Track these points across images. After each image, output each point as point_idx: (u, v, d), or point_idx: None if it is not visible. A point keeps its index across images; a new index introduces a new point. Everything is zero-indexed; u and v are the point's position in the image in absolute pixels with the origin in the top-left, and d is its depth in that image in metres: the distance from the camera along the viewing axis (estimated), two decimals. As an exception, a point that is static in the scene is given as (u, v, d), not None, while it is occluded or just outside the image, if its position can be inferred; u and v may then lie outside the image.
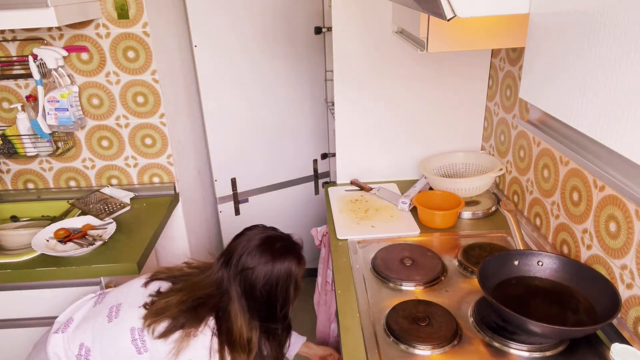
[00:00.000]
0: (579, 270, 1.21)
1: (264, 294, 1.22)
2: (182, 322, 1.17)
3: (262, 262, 1.21)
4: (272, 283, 1.21)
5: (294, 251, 1.27)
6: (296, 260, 1.25)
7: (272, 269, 1.21)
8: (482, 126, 1.97)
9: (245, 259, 1.22)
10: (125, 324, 1.22)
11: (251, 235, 1.27)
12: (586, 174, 1.26)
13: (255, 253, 1.22)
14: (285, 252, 1.24)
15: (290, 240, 1.30)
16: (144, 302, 1.23)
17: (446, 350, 1.13)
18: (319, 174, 2.73)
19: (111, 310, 1.26)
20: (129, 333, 1.20)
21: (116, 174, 2.06)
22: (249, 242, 1.24)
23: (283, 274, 1.22)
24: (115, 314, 1.25)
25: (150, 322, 1.18)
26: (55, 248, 1.64)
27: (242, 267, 1.21)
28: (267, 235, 1.26)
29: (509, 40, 1.25)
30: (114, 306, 1.27)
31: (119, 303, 1.27)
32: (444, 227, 1.65)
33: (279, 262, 1.22)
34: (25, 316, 1.64)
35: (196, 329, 1.17)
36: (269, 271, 1.21)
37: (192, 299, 1.21)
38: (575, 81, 0.71)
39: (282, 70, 2.44)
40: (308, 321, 2.58)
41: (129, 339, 1.20)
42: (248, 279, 1.21)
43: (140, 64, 1.87)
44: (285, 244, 1.26)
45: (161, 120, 1.96)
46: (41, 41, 1.83)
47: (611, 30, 0.62)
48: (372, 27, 1.79)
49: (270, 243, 1.24)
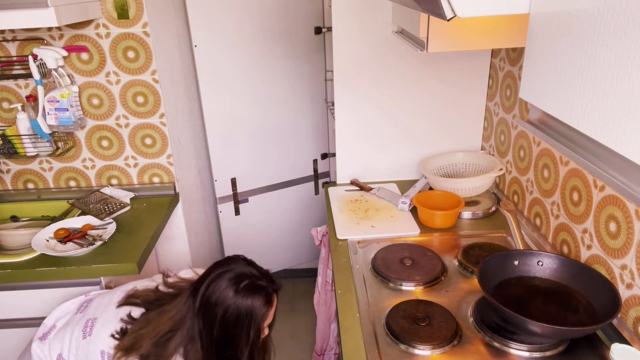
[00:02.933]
0: (579, 270, 1.21)
1: (222, 332, 1.15)
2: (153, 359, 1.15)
3: (225, 297, 1.14)
4: (231, 321, 1.15)
5: (263, 291, 1.18)
6: (262, 301, 1.16)
7: (233, 306, 1.14)
8: (482, 126, 1.97)
9: (210, 291, 1.16)
10: (97, 345, 1.22)
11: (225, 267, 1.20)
12: (586, 174, 1.26)
13: (221, 287, 1.15)
14: (252, 291, 1.16)
15: (262, 278, 1.20)
16: (115, 328, 1.22)
17: (446, 350, 1.13)
18: (319, 174, 2.73)
19: (87, 324, 1.27)
20: (99, 355, 1.21)
21: (116, 174, 2.06)
22: (220, 275, 1.18)
23: (243, 313, 1.14)
24: (89, 331, 1.25)
25: (120, 356, 1.17)
26: (55, 248, 1.64)
27: (206, 300, 1.16)
28: (239, 272, 1.18)
29: (509, 40, 1.25)
30: (89, 320, 1.28)
31: (95, 318, 1.27)
32: (444, 227, 1.65)
33: (241, 299, 1.14)
34: (25, 316, 1.64)
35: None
36: (230, 308, 1.14)
37: (160, 334, 1.17)
38: (575, 81, 0.71)
39: (282, 70, 2.44)
40: (308, 321, 2.58)
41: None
42: (209, 313, 1.15)
43: (140, 64, 1.87)
44: (254, 283, 1.17)
45: (161, 120, 1.96)
46: (41, 41, 1.83)
47: (612, 30, 0.62)
48: (372, 27, 1.79)
49: (238, 280, 1.17)
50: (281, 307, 2.81)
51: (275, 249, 2.78)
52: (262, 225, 2.69)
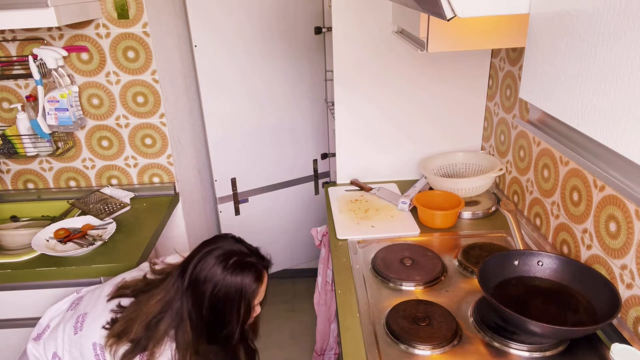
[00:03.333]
0: (579, 270, 1.21)
1: (211, 310, 1.13)
2: (144, 345, 1.14)
3: (213, 274, 1.13)
4: (220, 298, 1.13)
5: (253, 267, 1.16)
6: (252, 277, 1.15)
7: (222, 283, 1.12)
8: (482, 126, 1.97)
9: (198, 269, 1.14)
10: (88, 338, 1.21)
11: (213, 245, 1.18)
12: (586, 174, 1.26)
13: (209, 265, 1.14)
14: (241, 267, 1.14)
15: (252, 255, 1.19)
16: (105, 319, 1.21)
17: (446, 350, 1.13)
18: (319, 174, 2.73)
19: (78, 319, 1.26)
20: (91, 348, 1.20)
21: (116, 174, 2.06)
22: (208, 253, 1.16)
23: (233, 290, 1.13)
24: (80, 326, 1.25)
25: (112, 343, 1.16)
26: (55, 248, 1.64)
27: (194, 279, 1.15)
28: (227, 249, 1.17)
29: (509, 40, 1.25)
30: (80, 316, 1.27)
31: (85, 313, 1.27)
32: (444, 227, 1.65)
33: (230, 276, 1.12)
34: (25, 316, 1.64)
35: (159, 349, 1.13)
36: (218, 285, 1.12)
37: (150, 317, 1.16)
38: (575, 81, 0.71)
39: (282, 70, 2.44)
40: (308, 321, 2.58)
41: (92, 354, 1.20)
42: (197, 291, 1.13)
43: (140, 64, 1.87)
44: (242, 259, 1.16)
45: (161, 120, 1.96)
46: (41, 41, 1.83)
47: (612, 31, 0.62)
48: (372, 27, 1.79)
49: (227, 256, 1.15)
50: (281, 307, 2.82)
51: (275, 249, 2.78)
52: (262, 225, 2.69)
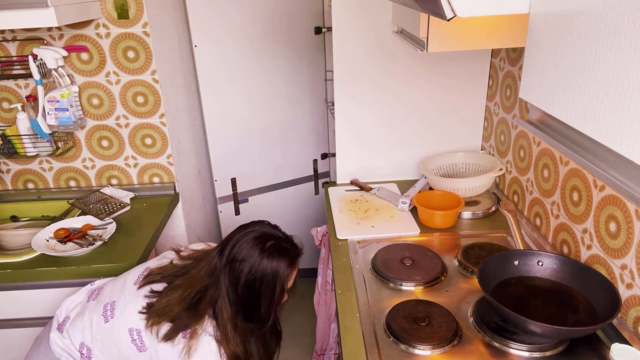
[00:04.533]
0: (579, 270, 1.21)
1: (247, 290, 1.18)
2: (186, 323, 1.17)
3: (250, 255, 1.18)
4: (256, 279, 1.18)
5: (288, 253, 1.22)
6: (287, 262, 1.21)
7: (258, 265, 1.18)
8: (482, 126, 1.97)
9: (236, 249, 1.20)
10: (123, 324, 1.22)
11: (251, 228, 1.24)
12: (586, 174, 1.26)
13: (247, 246, 1.19)
14: (277, 251, 1.20)
15: (287, 241, 1.26)
16: (141, 304, 1.23)
17: (446, 350, 1.13)
18: (319, 174, 2.73)
19: (105, 308, 1.27)
20: (127, 334, 1.21)
21: (116, 174, 2.06)
22: (246, 234, 1.22)
23: (269, 272, 1.18)
24: (110, 314, 1.25)
25: (153, 323, 1.18)
26: (55, 248, 1.64)
27: (232, 258, 1.19)
28: (265, 232, 1.23)
29: (509, 40, 1.25)
30: (107, 304, 1.27)
31: (113, 301, 1.27)
32: (444, 227, 1.65)
33: (267, 259, 1.18)
34: (25, 316, 1.64)
35: (200, 326, 1.17)
36: (255, 266, 1.18)
37: (191, 295, 1.20)
38: (575, 81, 0.71)
39: (282, 70, 2.44)
40: (308, 321, 2.58)
41: (128, 339, 1.21)
42: (234, 270, 1.18)
43: (140, 64, 1.87)
44: (279, 244, 1.22)
45: (161, 120, 1.96)
46: (41, 41, 1.82)
47: (612, 31, 0.62)
48: (372, 27, 1.79)
49: (264, 239, 1.21)
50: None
51: (275, 249, 2.78)
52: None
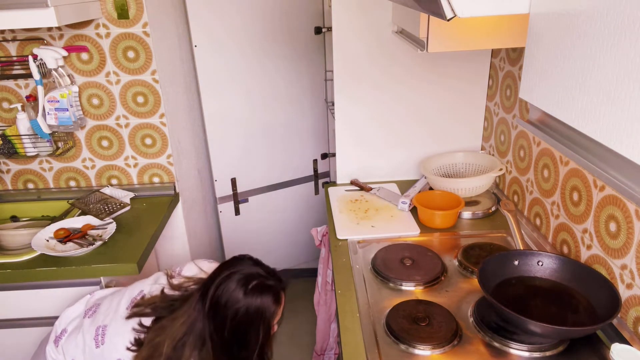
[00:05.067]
0: (579, 270, 1.21)
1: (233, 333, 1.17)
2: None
3: (234, 298, 1.16)
4: (242, 322, 1.17)
5: (272, 290, 1.21)
6: (272, 299, 1.20)
7: (243, 307, 1.16)
8: (482, 126, 1.97)
9: (219, 293, 1.17)
10: (112, 353, 1.24)
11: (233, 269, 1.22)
12: (586, 174, 1.26)
13: (230, 288, 1.17)
14: (261, 290, 1.18)
15: (270, 277, 1.24)
16: (129, 338, 1.23)
17: (446, 350, 1.13)
18: (319, 174, 2.73)
19: (97, 331, 1.28)
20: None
21: (116, 174, 2.06)
22: (229, 276, 1.19)
23: (254, 313, 1.17)
24: (102, 339, 1.27)
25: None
26: (55, 248, 1.64)
27: (215, 302, 1.17)
28: (247, 273, 1.20)
29: (509, 40, 1.25)
30: (99, 327, 1.29)
31: (105, 325, 1.28)
32: (444, 227, 1.65)
33: (251, 300, 1.17)
34: (25, 316, 1.64)
35: None
36: (240, 309, 1.16)
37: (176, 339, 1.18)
38: (575, 81, 0.71)
39: (282, 70, 2.44)
40: (308, 321, 2.58)
41: None
42: (219, 315, 1.17)
43: (140, 64, 1.87)
44: (262, 282, 1.20)
45: (161, 120, 1.96)
46: (41, 41, 1.83)
47: (612, 31, 0.62)
48: (372, 27, 1.79)
49: (248, 279, 1.19)
50: (281, 307, 2.82)
51: (275, 249, 2.78)
52: (262, 225, 2.69)
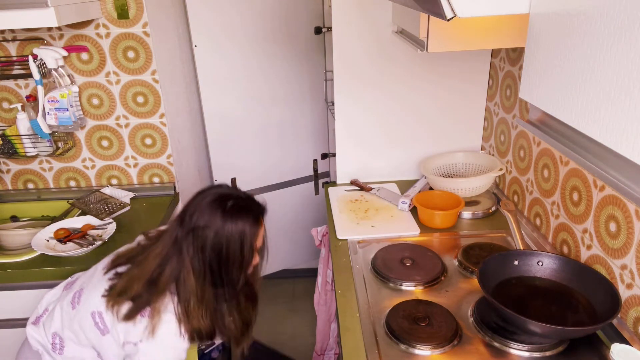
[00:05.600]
0: (579, 270, 1.21)
1: (214, 256, 1.14)
2: (146, 299, 1.14)
3: (212, 220, 1.13)
4: (223, 243, 1.14)
5: (251, 211, 1.18)
6: (251, 220, 1.17)
7: (222, 228, 1.13)
8: (482, 126, 1.97)
9: (197, 216, 1.14)
10: (86, 309, 1.21)
11: (208, 192, 1.19)
12: (586, 174, 1.26)
13: (207, 210, 1.14)
14: (239, 211, 1.16)
15: (248, 199, 1.21)
16: (104, 287, 1.21)
17: (446, 350, 1.13)
18: (319, 174, 2.73)
19: (74, 296, 1.27)
20: (90, 318, 1.20)
21: (116, 174, 2.06)
22: (204, 199, 1.17)
23: (234, 234, 1.14)
24: (77, 300, 1.25)
25: (113, 303, 1.16)
26: (55, 248, 1.64)
27: (194, 226, 1.14)
28: (223, 193, 1.18)
29: (509, 40, 1.25)
30: (77, 292, 1.27)
31: (81, 289, 1.27)
32: (444, 227, 1.65)
33: (230, 221, 1.14)
34: (25, 316, 1.64)
35: (161, 302, 1.14)
36: (219, 230, 1.13)
37: (150, 271, 1.17)
38: (575, 81, 0.71)
39: (282, 70, 2.44)
40: (308, 321, 2.58)
41: (91, 323, 1.20)
42: (198, 238, 1.14)
43: (140, 64, 1.87)
44: (240, 203, 1.17)
45: (161, 120, 1.96)
46: (41, 41, 1.83)
47: (612, 31, 0.62)
48: (372, 27, 1.79)
49: (223, 200, 1.16)
50: (281, 307, 2.82)
51: (275, 249, 2.76)
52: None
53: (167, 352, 1.16)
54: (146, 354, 1.15)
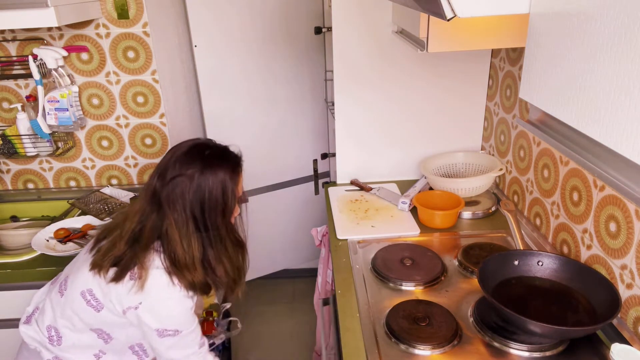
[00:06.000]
0: (579, 270, 1.21)
1: (196, 204, 1.13)
2: (131, 257, 1.13)
3: (191, 168, 1.12)
4: (204, 190, 1.13)
5: (229, 159, 1.18)
6: (230, 168, 1.17)
7: (202, 175, 1.12)
8: (482, 126, 1.97)
9: (176, 167, 1.13)
10: (75, 290, 1.20)
11: (182, 144, 1.18)
12: (586, 174, 1.26)
13: (183, 161, 1.14)
14: (218, 159, 1.16)
15: (223, 149, 1.21)
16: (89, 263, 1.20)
17: (446, 350, 1.13)
18: (319, 174, 2.73)
19: (61, 285, 1.26)
20: (80, 298, 1.19)
21: (116, 174, 2.06)
22: (178, 150, 1.16)
23: (215, 183, 1.14)
24: (64, 287, 1.24)
25: (99, 269, 1.15)
26: (55, 248, 1.64)
27: (173, 176, 1.13)
28: (198, 143, 1.18)
29: (509, 40, 1.25)
30: (62, 281, 1.27)
31: (67, 276, 1.27)
32: (444, 227, 1.65)
33: (209, 169, 1.13)
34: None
35: (147, 259, 1.13)
36: (198, 177, 1.12)
37: (131, 230, 1.15)
38: (575, 81, 0.71)
39: (282, 70, 2.44)
40: (308, 321, 2.58)
41: (83, 303, 1.19)
42: (177, 186, 1.12)
43: (140, 64, 1.87)
44: (217, 152, 1.18)
45: (161, 120, 1.96)
46: (41, 41, 1.83)
47: (612, 31, 0.62)
48: (372, 27, 1.79)
49: (200, 149, 1.16)
50: (281, 307, 2.82)
51: (275, 249, 2.78)
52: (262, 225, 2.69)
53: (168, 304, 1.15)
54: (148, 314, 1.14)
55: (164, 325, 1.15)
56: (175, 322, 1.16)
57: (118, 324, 1.20)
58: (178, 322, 1.17)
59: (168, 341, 1.17)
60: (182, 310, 1.16)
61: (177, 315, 1.16)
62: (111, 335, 1.23)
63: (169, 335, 1.16)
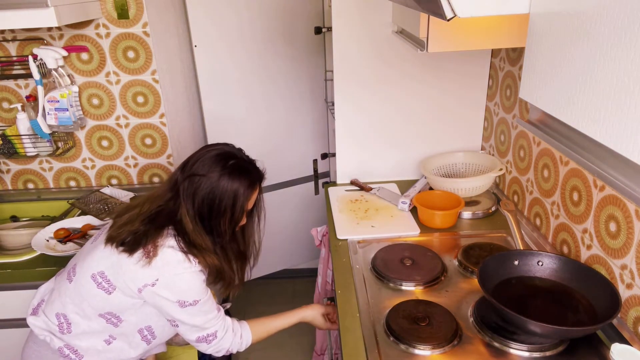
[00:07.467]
0: (579, 270, 1.21)
1: (205, 205, 1.20)
2: (144, 232, 1.18)
3: (211, 172, 1.19)
4: (215, 195, 1.19)
5: (249, 174, 1.24)
6: (247, 183, 1.22)
7: (217, 182, 1.18)
8: (482, 126, 1.97)
9: (198, 165, 1.20)
10: (85, 275, 1.23)
11: (215, 147, 1.25)
12: (586, 174, 1.26)
13: (209, 162, 1.20)
14: (238, 171, 1.21)
15: (249, 163, 1.27)
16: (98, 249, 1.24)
17: (446, 350, 1.13)
18: (319, 174, 2.73)
19: (69, 273, 1.28)
20: (91, 282, 1.21)
21: (116, 174, 2.06)
22: (209, 152, 1.23)
23: (228, 191, 1.19)
24: (73, 273, 1.27)
25: (113, 240, 1.20)
26: (55, 248, 1.64)
27: (192, 172, 1.20)
28: (228, 151, 1.24)
29: (509, 40, 1.25)
30: (70, 269, 1.29)
31: (74, 264, 1.29)
32: (444, 227, 1.65)
33: (227, 177, 1.19)
34: (25, 316, 1.64)
35: (160, 238, 1.18)
36: (214, 183, 1.18)
37: (150, 209, 1.21)
38: (575, 81, 0.71)
39: (282, 70, 2.44)
40: (308, 321, 2.58)
41: (94, 287, 1.21)
42: (193, 184, 1.19)
43: (140, 64, 1.87)
44: (241, 164, 1.23)
45: (161, 120, 1.96)
46: (41, 41, 1.83)
47: (612, 31, 0.62)
48: (372, 27, 1.79)
49: (226, 157, 1.22)
50: (281, 307, 2.81)
51: (275, 249, 2.78)
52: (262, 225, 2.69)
53: (184, 277, 1.18)
54: (166, 289, 1.18)
55: (183, 297, 1.19)
56: (193, 294, 1.21)
57: (129, 306, 1.23)
58: (196, 292, 1.21)
59: (190, 310, 1.22)
60: (197, 282, 1.21)
61: (194, 287, 1.21)
62: (121, 318, 1.25)
63: (190, 305, 1.21)
